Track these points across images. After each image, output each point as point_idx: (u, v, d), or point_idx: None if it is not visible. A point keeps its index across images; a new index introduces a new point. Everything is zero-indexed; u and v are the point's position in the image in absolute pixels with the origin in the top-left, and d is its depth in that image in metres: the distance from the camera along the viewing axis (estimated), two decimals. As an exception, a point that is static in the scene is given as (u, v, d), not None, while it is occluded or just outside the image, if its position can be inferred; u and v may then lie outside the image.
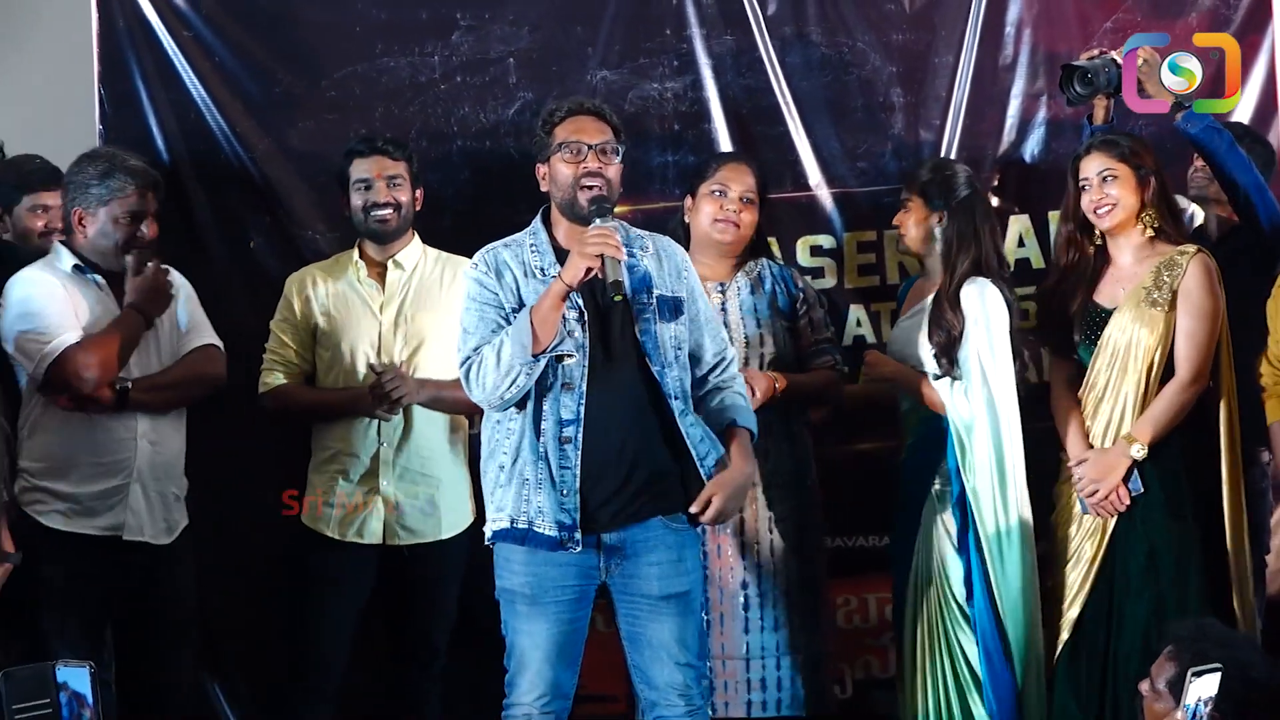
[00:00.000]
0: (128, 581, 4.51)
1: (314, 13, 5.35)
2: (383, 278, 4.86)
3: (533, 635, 4.12)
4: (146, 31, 5.29)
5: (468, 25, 5.32)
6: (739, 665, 4.70)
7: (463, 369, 4.15)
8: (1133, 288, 4.58)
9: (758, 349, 4.77)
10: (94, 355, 4.42)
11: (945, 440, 4.64)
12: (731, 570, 4.71)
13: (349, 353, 4.80)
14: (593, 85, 5.29)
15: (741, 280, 4.84)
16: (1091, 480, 4.54)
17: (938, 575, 4.65)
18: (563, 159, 4.16)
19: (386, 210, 4.81)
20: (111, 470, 4.49)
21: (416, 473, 4.78)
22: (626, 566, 4.12)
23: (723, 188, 4.78)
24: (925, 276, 4.86)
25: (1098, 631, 4.56)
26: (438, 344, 4.80)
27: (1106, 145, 4.64)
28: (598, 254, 3.95)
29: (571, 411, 4.06)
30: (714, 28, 5.33)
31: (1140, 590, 4.51)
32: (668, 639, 4.13)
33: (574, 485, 4.05)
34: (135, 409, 4.51)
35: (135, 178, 4.56)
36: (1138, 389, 4.54)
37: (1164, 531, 4.52)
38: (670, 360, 4.13)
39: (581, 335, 4.08)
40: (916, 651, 4.70)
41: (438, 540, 4.80)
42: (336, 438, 4.79)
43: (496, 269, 4.18)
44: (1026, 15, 5.34)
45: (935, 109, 5.35)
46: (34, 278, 4.54)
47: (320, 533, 4.78)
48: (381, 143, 4.86)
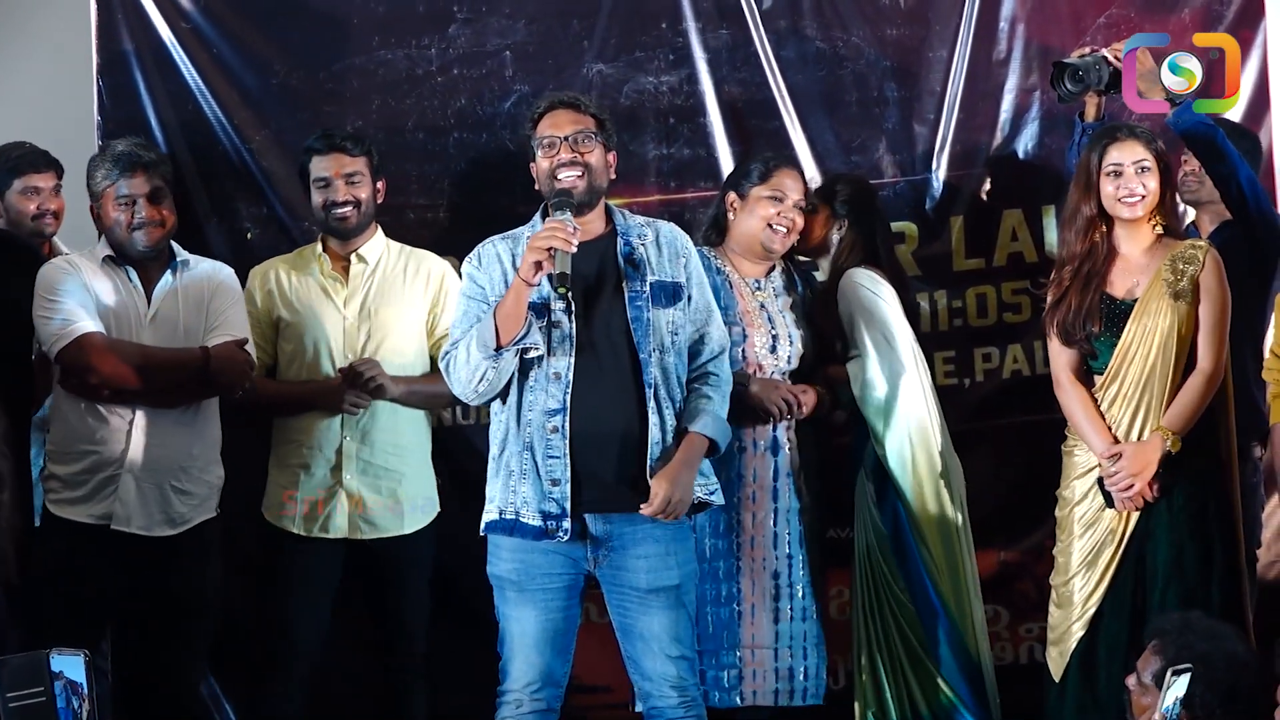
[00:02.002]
0: (124, 571, 4.51)
1: (312, 5, 5.37)
2: (346, 272, 4.86)
3: (521, 622, 4.17)
4: (145, 23, 5.30)
5: (465, 18, 5.34)
6: (767, 655, 4.72)
7: (442, 363, 4.22)
8: (1151, 280, 4.54)
9: (799, 347, 4.80)
10: (109, 359, 4.45)
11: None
12: (764, 560, 4.73)
13: (312, 346, 4.80)
14: (588, 79, 5.31)
15: (776, 280, 4.87)
16: (1129, 474, 4.48)
17: (871, 547, 4.79)
18: (541, 154, 4.22)
19: (346, 208, 4.80)
20: (104, 459, 4.51)
21: (380, 467, 4.79)
22: (614, 558, 4.15)
23: (780, 193, 4.75)
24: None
25: (1119, 629, 4.53)
26: (401, 338, 4.83)
27: (1141, 135, 4.58)
28: (548, 246, 3.97)
29: (558, 401, 4.09)
30: (709, 22, 5.34)
31: (1167, 584, 4.49)
32: (658, 631, 4.16)
33: (563, 474, 4.07)
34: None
35: (119, 162, 4.58)
36: (1166, 380, 4.52)
37: (1187, 524, 4.50)
38: (665, 346, 4.16)
39: (568, 325, 4.11)
40: (864, 628, 4.80)
41: (401, 535, 4.81)
42: (299, 432, 4.78)
43: (487, 262, 4.22)
44: (1020, 10, 5.35)
45: (929, 103, 5.36)
46: (61, 264, 4.61)
47: (285, 529, 4.77)
48: (339, 139, 4.84)
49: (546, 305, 4.10)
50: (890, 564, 4.76)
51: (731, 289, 4.76)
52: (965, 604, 4.78)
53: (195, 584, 4.62)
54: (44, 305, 4.50)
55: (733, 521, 4.67)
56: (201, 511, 4.63)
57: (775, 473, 4.73)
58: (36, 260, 4.73)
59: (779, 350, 4.75)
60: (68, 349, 4.45)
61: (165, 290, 4.61)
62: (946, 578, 4.76)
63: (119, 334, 4.54)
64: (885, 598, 4.77)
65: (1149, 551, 4.53)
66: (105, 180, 4.58)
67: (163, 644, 4.60)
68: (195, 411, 4.61)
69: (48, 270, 4.58)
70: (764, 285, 4.82)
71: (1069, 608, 4.61)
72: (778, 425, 4.72)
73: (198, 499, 4.62)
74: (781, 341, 4.76)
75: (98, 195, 4.60)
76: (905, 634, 4.76)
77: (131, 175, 4.56)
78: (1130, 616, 4.52)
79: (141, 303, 4.59)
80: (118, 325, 4.55)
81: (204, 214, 5.28)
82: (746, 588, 4.71)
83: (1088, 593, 4.58)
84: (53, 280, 4.53)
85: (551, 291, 4.08)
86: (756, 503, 4.72)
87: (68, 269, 4.57)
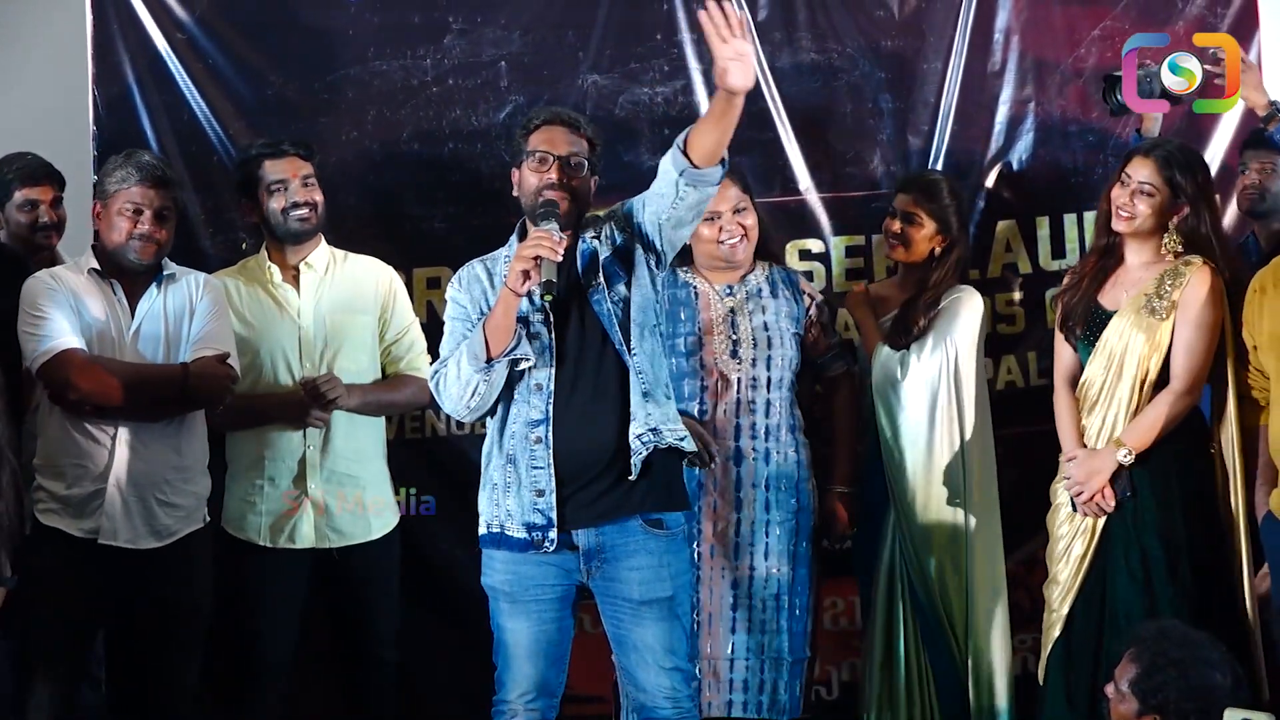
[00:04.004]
0: (113, 584, 4.50)
1: (307, 16, 5.38)
2: (297, 281, 4.85)
3: (515, 633, 4.16)
4: (140, 34, 5.31)
5: (460, 29, 5.35)
6: (723, 665, 4.73)
7: (432, 383, 4.21)
8: (1135, 294, 4.57)
9: (765, 351, 4.79)
10: (89, 376, 4.43)
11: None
12: (722, 571, 4.73)
13: (269, 358, 4.78)
14: (584, 89, 5.33)
15: (751, 284, 4.87)
16: (1077, 481, 4.56)
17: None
18: (530, 167, 4.19)
19: (305, 209, 4.79)
20: (90, 474, 4.49)
21: (343, 474, 4.78)
22: (607, 570, 4.13)
23: (713, 212, 4.73)
24: (897, 282, 5.01)
25: (1089, 631, 4.57)
26: (355, 345, 4.83)
27: (1162, 160, 4.55)
28: (534, 256, 3.96)
29: (540, 412, 4.08)
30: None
31: (1134, 594, 4.52)
32: (652, 643, 4.14)
33: (548, 484, 4.07)
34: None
35: (140, 170, 4.55)
36: (1130, 395, 4.55)
37: (1156, 535, 4.52)
38: (641, 328, 4.11)
39: (547, 336, 4.11)
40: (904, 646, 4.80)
41: (368, 540, 4.81)
42: (260, 444, 4.76)
43: (467, 284, 4.23)
44: (1015, 22, 5.37)
45: (924, 114, 5.38)
46: (45, 279, 4.58)
47: (249, 541, 4.76)
48: (288, 144, 4.83)
49: (525, 317, 4.09)
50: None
51: (697, 299, 4.78)
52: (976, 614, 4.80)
53: (184, 594, 4.60)
54: (27, 320, 4.49)
55: (692, 530, 4.65)
56: (188, 523, 4.61)
57: (738, 483, 4.73)
58: (25, 272, 4.71)
59: (740, 354, 4.76)
60: (48, 365, 4.44)
61: (149, 304, 4.59)
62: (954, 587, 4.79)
63: (102, 348, 4.52)
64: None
65: (1116, 557, 4.56)
66: (121, 183, 4.55)
67: (154, 654, 4.58)
68: (180, 425, 4.58)
69: (31, 285, 4.56)
70: (736, 290, 4.84)
71: (1049, 610, 4.66)
72: (740, 435, 4.73)
73: (184, 511, 4.59)
74: (744, 346, 4.77)
75: (107, 195, 4.56)
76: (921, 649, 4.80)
77: (148, 186, 4.54)
78: (1099, 620, 4.55)
79: (125, 317, 4.57)
80: (101, 340, 4.52)
81: (198, 224, 5.28)
82: (705, 596, 4.73)
83: (1062, 596, 4.62)
84: (35, 295, 4.51)
85: (529, 304, 4.08)
86: (717, 512, 4.73)
87: (51, 283, 4.54)
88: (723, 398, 4.75)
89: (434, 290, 5.27)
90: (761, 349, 4.79)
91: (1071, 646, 4.60)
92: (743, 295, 4.84)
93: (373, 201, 5.36)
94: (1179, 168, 4.55)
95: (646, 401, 4.09)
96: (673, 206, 4.04)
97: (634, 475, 4.05)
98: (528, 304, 4.08)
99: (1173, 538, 4.52)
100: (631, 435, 4.06)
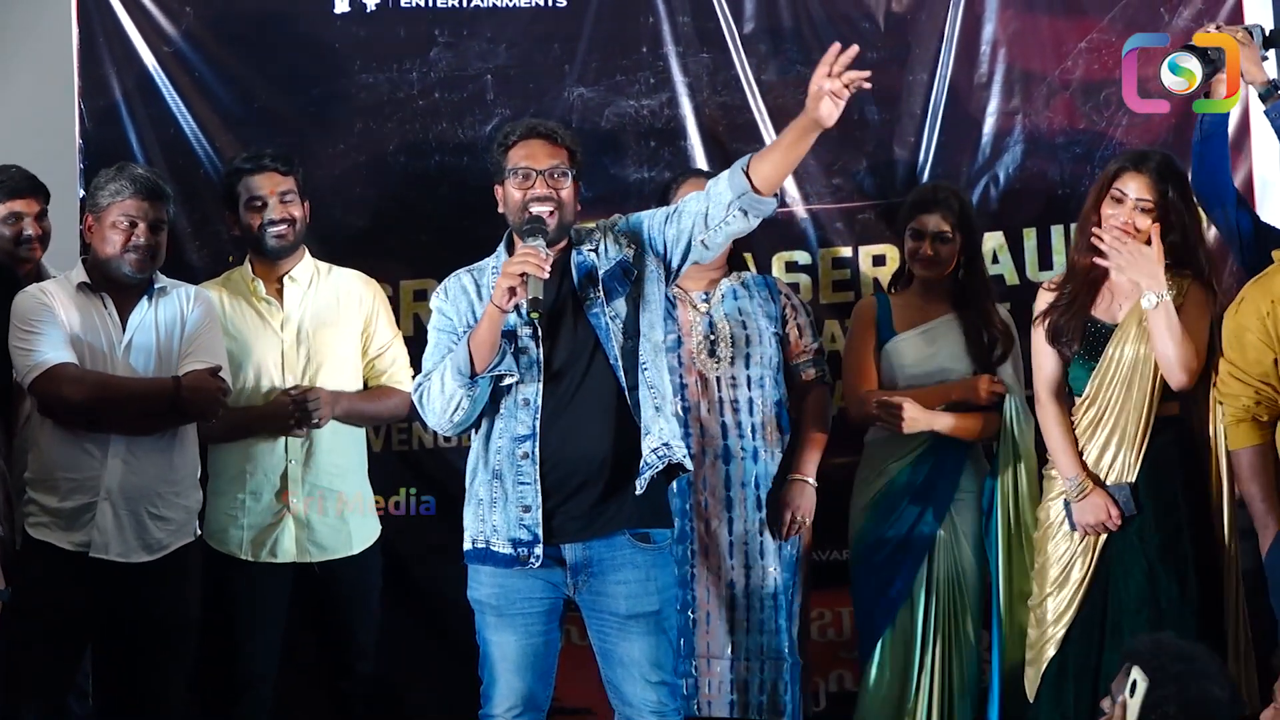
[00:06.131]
0: (103, 597, 4.49)
1: (294, 29, 5.38)
2: (280, 294, 4.85)
3: (501, 646, 4.16)
4: (127, 47, 5.32)
5: (446, 42, 5.36)
6: (723, 665, 4.73)
7: (415, 396, 4.20)
8: (1133, 306, 4.53)
9: (744, 349, 4.81)
10: (80, 390, 4.43)
11: (956, 452, 4.81)
12: (719, 568, 4.74)
13: (253, 371, 4.78)
14: (570, 102, 5.34)
15: (725, 287, 4.88)
16: (1085, 524, 4.53)
17: (956, 582, 4.81)
18: (514, 184, 4.19)
19: (283, 226, 4.79)
20: (83, 487, 4.49)
21: (325, 488, 4.79)
22: (593, 584, 4.13)
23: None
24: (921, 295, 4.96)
25: (1089, 649, 4.54)
26: (338, 358, 4.83)
27: (1156, 175, 4.53)
28: (520, 273, 3.94)
29: (527, 427, 4.08)
30: (690, 46, 5.36)
31: (1139, 608, 4.49)
32: (639, 657, 4.14)
33: (534, 500, 4.06)
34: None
35: (135, 183, 4.55)
36: (1142, 409, 4.51)
37: (1161, 550, 4.50)
38: (638, 339, 4.11)
39: (535, 351, 4.10)
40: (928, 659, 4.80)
41: (350, 555, 4.82)
42: (242, 457, 4.76)
43: (454, 295, 4.22)
44: (1001, 34, 5.37)
45: (910, 126, 5.38)
46: (35, 293, 4.57)
47: (231, 555, 4.75)
48: (269, 159, 4.82)
49: (513, 332, 4.08)
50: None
51: (675, 305, 4.81)
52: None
53: (175, 608, 4.59)
54: (17, 335, 4.49)
55: (685, 528, 4.67)
56: (179, 537, 4.60)
57: (728, 481, 4.75)
58: (13, 285, 4.71)
59: (719, 353, 4.78)
60: (40, 380, 4.44)
61: (141, 317, 4.58)
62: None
63: (93, 362, 4.51)
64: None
65: (1118, 575, 4.54)
66: (115, 196, 4.54)
67: (144, 667, 4.58)
68: (172, 438, 4.58)
69: (22, 299, 4.56)
70: (711, 295, 4.86)
71: (1043, 626, 4.62)
72: (728, 434, 4.74)
73: (175, 524, 4.59)
74: (721, 345, 4.79)
75: (100, 209, 4.55)
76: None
77: (142, 199, 4.54)
78: (1100, 637, 4.53)
79: (116, 331, 4.57)
80: (92, 354, 4.52)
81: (184, 236, 5.28)
82: (701, 595, 4.74)
83: (1059, 612, 4.59)
84: (26, 310, 4.52)
85: (518, 319, 4.07)
86: (709, 510, 4.74)
87: (42, 298, 4.54)
88: (703, 396, 4.77)
89: (420, 303, 5.27)
90: (740, 347, 4.81)
91: (1068, 662, 4.57)
92: (717, 298, 4.85)
93: (359, 214, 5.36)
94: (1171, 181, 4.54)
95: (659, 416, 4.10)
96: (713, 229, 4.06)
97: (640, 490, 4.05)
98: (516, 318, 4.07)
99: (1180, 552, 4.51)
100: (646, 449, 4.05)
